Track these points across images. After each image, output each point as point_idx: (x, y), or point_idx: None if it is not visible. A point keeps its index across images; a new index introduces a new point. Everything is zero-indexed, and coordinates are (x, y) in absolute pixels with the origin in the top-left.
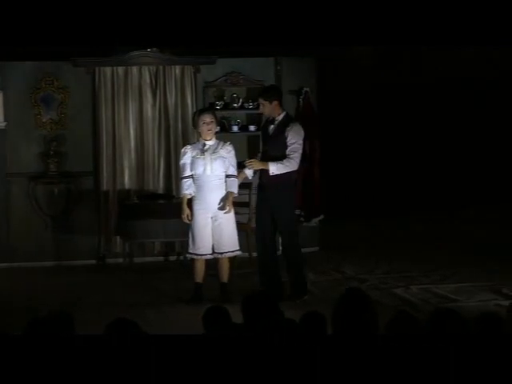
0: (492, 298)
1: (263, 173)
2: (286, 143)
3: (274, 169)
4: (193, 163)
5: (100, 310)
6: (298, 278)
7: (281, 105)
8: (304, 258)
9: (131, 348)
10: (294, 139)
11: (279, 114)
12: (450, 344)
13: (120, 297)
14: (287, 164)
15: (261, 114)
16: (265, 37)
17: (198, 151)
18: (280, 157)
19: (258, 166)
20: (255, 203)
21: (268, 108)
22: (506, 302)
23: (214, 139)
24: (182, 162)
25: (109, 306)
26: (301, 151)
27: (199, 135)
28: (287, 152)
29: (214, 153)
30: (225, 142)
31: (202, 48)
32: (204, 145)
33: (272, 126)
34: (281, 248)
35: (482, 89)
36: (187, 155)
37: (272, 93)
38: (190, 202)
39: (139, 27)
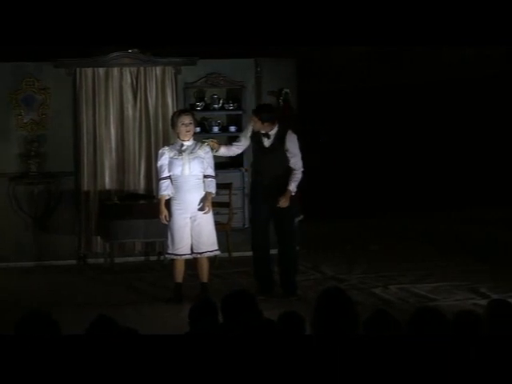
0: (469, 297)
1: (268, 174)
2: (286, 154)
3: (293, 188)
4: (171, 164)
5: (81, 309)
6: (295, 276)
7: (273, 123)
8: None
9: (114, 345)
10: (295, 149)
11: (272, 129)
12: (430, 343)
13: (101, 297)
14: (298, 176)
15: (240, 114)
16: (246, 37)
17: (176, 152)
18: (284, 168)
19: (287, 199)
20: (252, 202)
21: (258, 125)
22: (483, 302)
23: (191, 140)
24: (159, 163)
25: (89, 306)
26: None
27: (177, 136)
28: (293, 164)
29: (191, 153)
30: (202, 143)
31: (182, 47)
32: (182, 145)
33: (267, 140)
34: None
35: (474, 90)
36: (165, 156)
37: (266, 114)
38: (168, 202)
39: (120, 27)
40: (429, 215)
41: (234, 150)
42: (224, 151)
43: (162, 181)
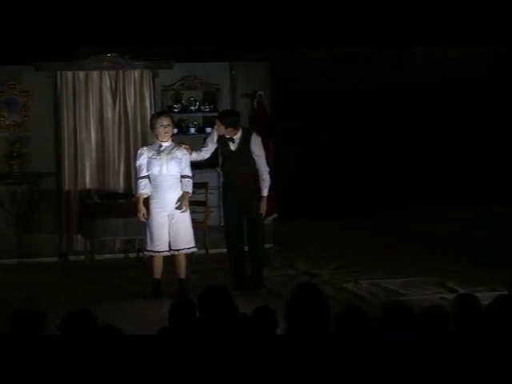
0: (438, 291)
1: (237, 175)
2: (252, 156)
3: (266, 193)
4: (149, 164)
5: (63, 307)
6: (262, 272)
7: (236, 128)
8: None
9: (90, 340)
10: (260, 152)
11: (235, 134)
12: (399, 336)
13: (82, 294)
14: (267, 180)
15: (216, 116)
16: (221, 38)
17: (155, 152)
18: (252, 169)
19: (265, 204)
20: (224, 203)
21: (222, 130)
22: (451, 296)
23: (169, 141)
24: (138, 162)
25: (71, 304)
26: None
27: (156, 137)
28: (260, 166)
29: (169, 154)
30: (180, 144)
31: (159, 48)
32: (160, 146)
33: (232, 144)
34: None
35: (473, 89)
36: (143, 156)
37: (229, 119)
38: (147, 201)
39: (97, 29)
40: (428, 215)
41: (203, 154)
42: (195, 156)
43: (141, 180)
